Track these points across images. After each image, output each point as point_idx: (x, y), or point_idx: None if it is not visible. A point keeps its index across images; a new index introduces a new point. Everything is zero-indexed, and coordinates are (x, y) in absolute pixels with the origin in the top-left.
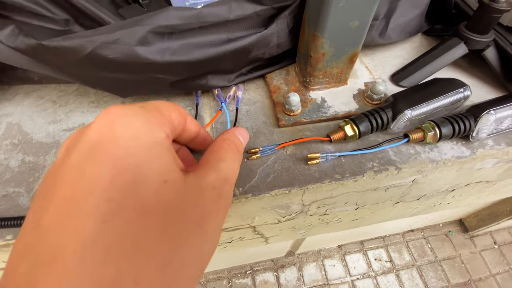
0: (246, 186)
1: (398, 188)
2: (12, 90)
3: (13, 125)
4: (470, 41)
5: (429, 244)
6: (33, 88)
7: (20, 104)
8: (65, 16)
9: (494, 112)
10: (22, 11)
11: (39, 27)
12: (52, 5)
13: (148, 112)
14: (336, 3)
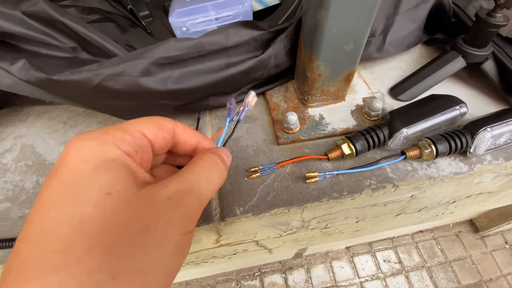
0: (247, 205)
1: (397, 203)
2: (25, 111)
3: (27, 147)
4: (468, 55)
5: (439, 245)
6: (45, 109)
7: (33, 125)
8: (72, 44)
9: (490, 130)
10: (31, 41)
11: (49, 59)
12: (60, 34)
13: (104, 133)
14: (329, 30)
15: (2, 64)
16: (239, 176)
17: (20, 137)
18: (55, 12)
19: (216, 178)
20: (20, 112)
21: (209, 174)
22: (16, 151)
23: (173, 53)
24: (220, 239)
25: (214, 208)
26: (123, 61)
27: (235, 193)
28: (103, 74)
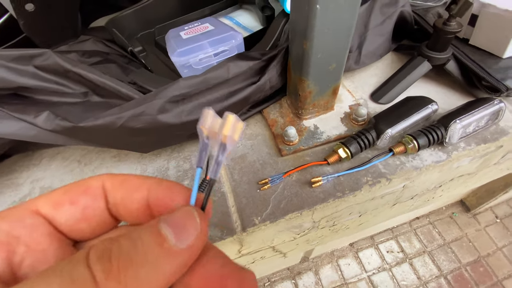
0: (264, 215)
1: (392, 194)
2: (37, 155)
3: (45, 189)
4: (432, 59)
5: (436, 229)
6: (57, 150)
7: (48, 168)
8: (83, 90)
9: (459, 121)
10: (44, 91)
11: (68, 107)
12: (70, 82)
13: None
14: (315, 56)
15: (26, 117)
16: (252, 189)
17: (37, 180)
18: (68, 64)
19: None
20: (32, 156)
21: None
22: (36, 194)
23: (184, 91)
24: (242, 249)
25: (235, 221)
26: (141, 103)
27: (251, 205)
28: (125, 116)
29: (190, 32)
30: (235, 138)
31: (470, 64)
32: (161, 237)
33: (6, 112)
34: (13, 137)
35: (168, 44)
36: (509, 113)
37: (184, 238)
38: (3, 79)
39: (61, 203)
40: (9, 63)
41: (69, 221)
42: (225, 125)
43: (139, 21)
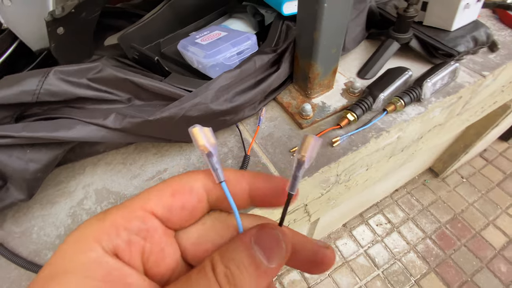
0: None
1: (390, 145)
2: (79, 165)
3: (101, 190)
4: (399, 39)
5: (413, 197)
6: (97, 158)
7: (94, 174)
8: (127, 96)
9: (429, 80)
10: (94, 101)
11: (125, 109)
12: (117, 90)
13: (90, 224)
14: (322, 43)
15: (96, 121)
16: (286, 156)
17: (88, 185)
18: (121, 73)
19: None
20: (74, 167)
21: None
22: (93, 196)
23: (228, 81)
24: None
25: None
26: (197, 94)
27: (289, 168)
28: (186, 107)
29: (207, 39)
30: (312, 156)
31: (428, 39)
32: (257, 260)
33: (77, 119)
34: (84, 139)
35: (190, 52)
36: (462, 72)
37: (274, 260)
38: (66, 92)
39: (173, 207)
40: (68, 77)
41: (179, 221)
42: (303, 146)
43: (142, 37)
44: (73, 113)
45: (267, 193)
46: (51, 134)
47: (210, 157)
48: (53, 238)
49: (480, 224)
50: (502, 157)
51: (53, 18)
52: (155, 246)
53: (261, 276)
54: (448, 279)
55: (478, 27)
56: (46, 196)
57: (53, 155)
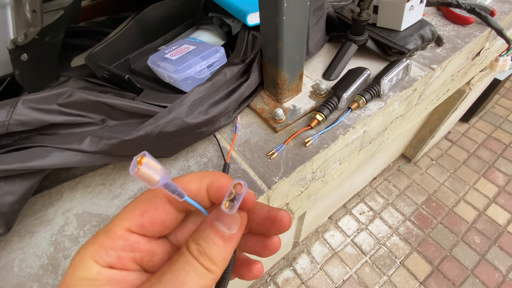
0: (279, 174)
1: (358, 140)
2: (55, 191)
3: (81, 214)
4: (357, 41)
5: (390, 183)
6: (74, 182)
7: (73, 198)
8: (101, 117)
9: (385, 77)
10: (67, 125)
11: (99, 131)
12: (89, 112)
13: (85, 248)
14: (286, 52)
15: (72, 146)
16: (264, 160)
17: (68, 211)
18: (93, 96)
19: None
20: (50, 194)
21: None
22: (74, 221)
23: (201, 94)
24: None
25: (260, 185)
26: (171, 110)
27: (267, 171)
28: (162, 124)
29: (176, 54)
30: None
31: (381, 39)
32: (220, 232)
33: (51, 146)
34: (60, 166)
35: (161, 67)
36: (414, 67)
37: (233, 227)
38: (36, 120)
39: (144, 224)
40: (37, 105)
41: (155, 233)
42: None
43: (109, 55)
44: (46, 140)
45: (219, 192)
46: (26, 164)
47: (168, 187)
48: (36, 269)
49: (452, 201)
50: (464, 137)
51: (16, 45)
52: (144, 252)
53: (227, 242)
54: (429, 256)
55: (424, 25)
56: (24, 227)
57: (28, 185)
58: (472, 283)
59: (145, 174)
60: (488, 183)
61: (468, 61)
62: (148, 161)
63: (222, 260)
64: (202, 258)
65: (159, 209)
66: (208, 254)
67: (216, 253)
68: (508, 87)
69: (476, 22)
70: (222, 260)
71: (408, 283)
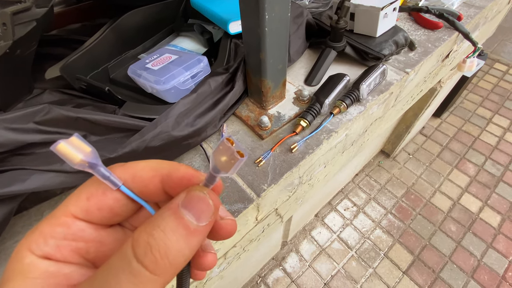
0: (268, 181)
1: (341, 143)
2: (35, 211)
3: None
4: (335, 48)
5: (371, 178)
6: (54, 201)
7: None
8: (81, 133)
9: (364, 83)
10: (45, 144)
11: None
12: (69, 129)
13: (24, 239)
14: (269, 61)
15: (53, 167)
16: (252, 168)
17: None
18: (72, 112)
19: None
20: (30, 215)
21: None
22: None
23: (186, 107)
24: (258, 215)
25: (249, 193)
26: (157, 124)
27: (256, 179)
28: (148, 139)
29: (158, 63)
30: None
31: (358, 45)
32: (185, 222)
33: (31, 169)
34: (42, 189)
35: (143, 78)
36: (390, 71)
37: (203, 218)
38: (12, 140)
39: (89, 209)
40: (12, 124)
41: (102, 220)
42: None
43: (86, 64)
44: (24, 161)
45: (177, 181)
46: (4, 190)
47: (94, 168)
48: None
49: (428, 193)
50: (437, 131)
51: None
52: (90, 242)
53: (191, 235)
54: (410, 246)
55: (397, 31)
56: (4, 250)
57: (8, 210)
58: (450, 269)
59: (65, 150)
60: (460, 173)
61: (438, 63)
62: (73, 139)
63: (180, 258)
64: (147, 258)
65: (108, 195)
66: (161, 248)
67: (175, 248)
68: (475, 83)
69: (444, 27)
70: (180, 258)
71: (392, 273)
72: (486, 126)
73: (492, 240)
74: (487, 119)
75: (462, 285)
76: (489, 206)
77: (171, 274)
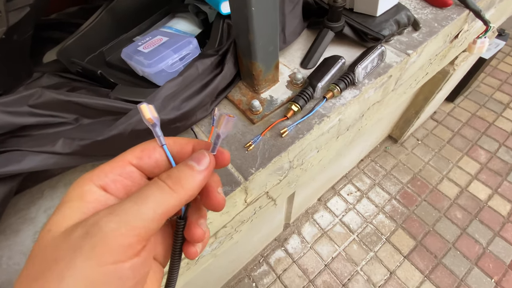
0: (256, 165)
1: (334, 128)
2: (36, 189)
3: None
4: (333, 28)
5: (377, 164)
6: (54, 180)
7: (54, 196)
8: (74, 116)
9: (360, 65)
10: (40, 126)
11: (71, 133)
12: (62, 112)
13: (90, 172)
14: (258, 43)
15: (45, 148)
16: (241, 152)
17: (49, 208)
18: (63, 96)
19: (154, 202)
20: (31, 193)
21: (142, 204)
22: None
23: (172, 90)
24: (247, 198)
25: (237, 176)
26: None
27: (244, 162)
28: (134, 122)
29: (149, 46)
30: (224, 131)
31: (357, 25)
32: (190, 164)
33: (25, 150)
34: (37, 169)
35: (134, 60)
36: (390, 53)
37: (201, 164)
38: (8, 123)
39: (142, 158)
40: (7, 108)
41: (149, 168)
42: (218, 124)
43: (82, 48)
44: (20, 142)
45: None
46: (1, 170)
47: (154, 127)
48: (23, 265)
49: (436, 179)
50: (449, 116)
51: None
52: (134, 183)
53: (194, 173)
54: (413, 232)
55: (400, 10)
56: (9, 226)
57: (8, 189)
58: (454, 255)
59: (144, 109)
60: (471, 160)
61: (446, 44)
62: (150, 106)
63: (189, 184)
64: (168, 180)
65: (156, 149)
66: (175, 177)
67: (184, 177)
68: (494, 65)
69: (454, 4)
70: (189, 184)
71: (393, 257)
72: (502, 111)
73: (500, 228)
74: (504, 104)
75: (465, 271)
76: (499, 194)
77: (183, 195)
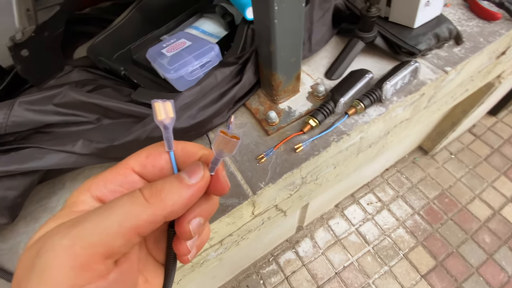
0: (266, 179)
1: (353, 146)
2: (58, 180)
3: None
4: (364, 38)
5: (403, 175)
6: (76, 172)
7: (73, 189)
8: (95, 116)
9: (388, 82)
10: (63, 124)
11: (93, 132)
12: (84, 111)
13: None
14: (279, 54)
15: (65, 148)
16: (253, 164)
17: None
18: (84, 97)
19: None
20: (54, 183)
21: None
22: None
23: (189, 99)
24: (254, 210)
25: (246, 189)
26: None
27: (255, 175)
28: (149, 129)
29: (172, 49)
30: (224, 154)
31: (391, 37)
32: (180, 177)
33: (47, 148)
34: (56, 167)
35: (157, 63)
36: (425, 68)
37: (193, 178)
38: (32, 120)
39: (146, 165)
40: (33, 106)
41: (153, 176)
42: (216, 143)
43: (112, 44)
44: (43, 139)
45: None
46: (23, 166)
47: (165, 129)
48: None
49: (466, 198)
50: (490, 131)
51: (14, 43)
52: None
53: (182, 187)
54: (434, 251)
55: (441, 23)
56: (30, 213)
57: (29, 181)
58: (476, 281)
59: (158, 107)
60: (508, 181)
61: (491, 61)
62: (167, 103)
63: (170, 199)
64: (146, 190)
65: (162, 156)
66: (157, 188)
67: (168, 189)
68: None
69: (504, 18)
70: (170, 199)
71: (409, 275)
72: None
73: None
74: None
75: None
76: None
77: (160, 209)
